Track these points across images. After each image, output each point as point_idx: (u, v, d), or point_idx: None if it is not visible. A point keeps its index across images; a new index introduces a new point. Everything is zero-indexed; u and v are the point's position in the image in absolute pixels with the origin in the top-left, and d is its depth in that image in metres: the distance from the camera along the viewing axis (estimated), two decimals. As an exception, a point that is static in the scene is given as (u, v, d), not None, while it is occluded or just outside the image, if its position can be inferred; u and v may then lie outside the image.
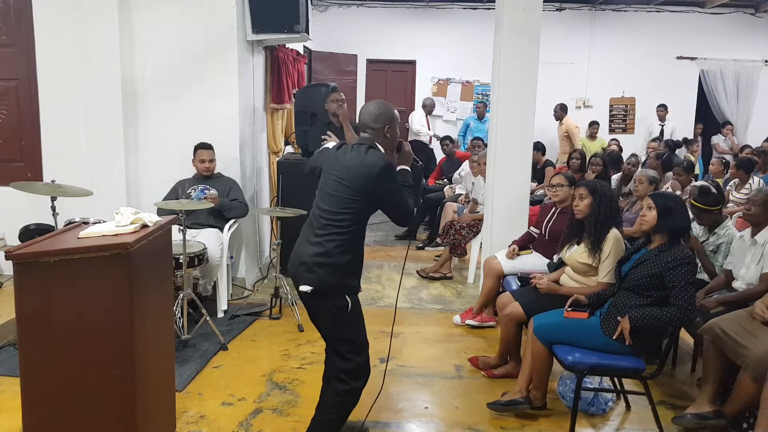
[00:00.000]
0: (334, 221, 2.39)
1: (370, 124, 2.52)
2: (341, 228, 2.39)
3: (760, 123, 9.44)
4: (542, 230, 4.18)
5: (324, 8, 9.59)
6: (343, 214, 2.39)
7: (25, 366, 2.12)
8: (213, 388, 3.29)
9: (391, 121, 2.53)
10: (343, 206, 2.40)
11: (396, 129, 2.56)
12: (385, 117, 2.52)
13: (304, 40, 5.40)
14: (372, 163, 2.38)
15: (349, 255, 2.41)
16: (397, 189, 2.43)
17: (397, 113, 2.60)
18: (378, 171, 2.36)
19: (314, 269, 2.37)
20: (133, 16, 4.63)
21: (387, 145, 2.54)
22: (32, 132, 4.85)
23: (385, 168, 2.37)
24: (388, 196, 2.42)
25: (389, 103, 2.64)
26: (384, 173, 2.37)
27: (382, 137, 2.52)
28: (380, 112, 2.53)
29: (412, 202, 2.48)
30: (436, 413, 3.14)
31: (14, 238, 4.30)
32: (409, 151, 2.62)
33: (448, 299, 4.95)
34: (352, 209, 2.40)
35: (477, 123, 8.91)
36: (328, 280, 2.37)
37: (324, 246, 2.38)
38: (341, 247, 2.38)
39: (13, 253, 2.05)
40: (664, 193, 3.31)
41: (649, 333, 2.81)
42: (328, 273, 2.37)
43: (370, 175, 2.36)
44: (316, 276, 2.37)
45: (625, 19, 9.62)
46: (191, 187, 4.46)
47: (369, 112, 2.54)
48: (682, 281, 2.70)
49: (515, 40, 4.37)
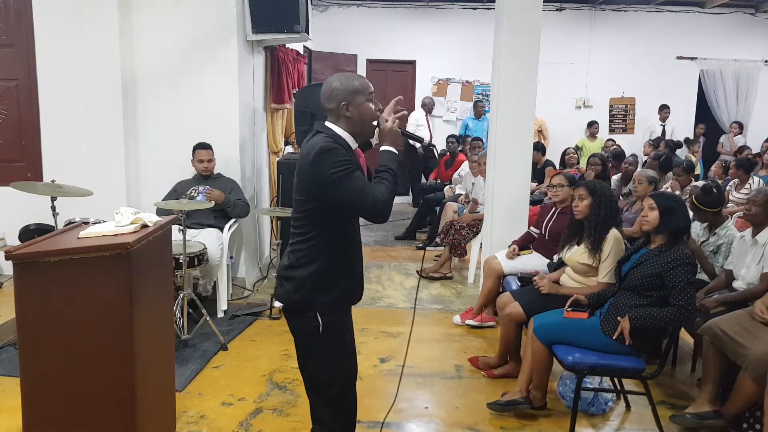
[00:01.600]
0: (295, 229, 2.05)
1: (324, 104, 2.04)
2: (301, 236, 2.02)
3: (760, 123, 9.45)
4: (542, 230, 4.18)
5: (324, 8, 9.60)
6: (300, 220, 2.03)
7: (25, 366, 2.12)
8: (213, 388, 3.29)
9: (349, 96, 2.00)
10: (297, 211, 2.03)
11: (363, 104, 2.02)
12: (339, 93, 2.00)
13: (304, 40, 5.41)
14: (306, 154, 1.94)
15: (311, 266, 2.00)
16: (342, 178, 1.88)
17: (363, 82, 2.06)
18: (312, 159, 1.90)
19: (282, 283, 2.07)
20: (133, 16, 4.63)
21: (354, 126, 2.03)
22: (32, 132, 4.85)
23: (318, 156, 1.89)
24: (333, 191, 1.90)
25: (348, 74, 2.09)
26: (316, 163, 1.89)
27: (342, 118, 2.01)
28: (332, 87, 2.02)
29: (382, 190, 1.94)
30: (436, 413, 3.14)
31: (14, 238, 4.31)
32: (390, 129, 2.07)
33: (448, 299, 4.95)
34: (304, 213, 2.01)
35: (475, 122, 8.91)
36: (292, 296, 2.04)
37: (289, 258, 2.06)
38: (303, 258, 2.01)
39: (13, 253, 2.05)
40: (665, 193, 3.31)
41: (649, 333, 2.81)
42: (291, 288, 2.03)
43: (305, 167, 1.94)
44: (283, 291, 2.07)
45: (625, 19, 9.62)
46: (192, 188, 4.46)
47: (325, 89, 2.04)
48: (682, 281, 2.70)
49: (515, 40, 4.37)
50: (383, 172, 2.01)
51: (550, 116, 9.24)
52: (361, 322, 4.21)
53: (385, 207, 1.94)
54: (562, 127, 9.51)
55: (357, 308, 2.18)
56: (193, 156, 4.51)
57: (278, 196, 5.12)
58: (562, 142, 8.92)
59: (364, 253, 2.33)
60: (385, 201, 1.94)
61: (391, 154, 2.07)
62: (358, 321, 4.04)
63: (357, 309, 2.18)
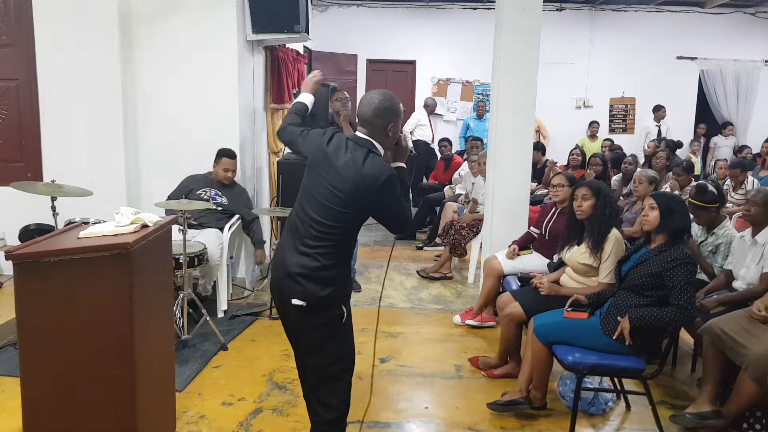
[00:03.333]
0: (328, 234, 2.12)
1: (371, 119, 2.15)
2: (333, 240, 2.13)
3: (760, 123, 9.44)
4: (542, 230, 4.18)
5: (324, 8, 9.60)
6: (336, 227, 2.12)
7: (25, 366, 2.12)
8: (213, 388, 3.29)
9: (395, 119, 2.18)
10: (336, 219, 2.12)
11: (398, 127, 2.22)
12: (390, 113, 2.15)
13: (304, 40, 5.41)
14: (374, 175, 2.07)
15: (341, 267, 2.18)
16: (399, 200, 2.14)
17: (401, 108, 2.25)
18: (381, 184, 2.07)
19: (302, 282, 2.11)
20: (133, 15, 4.63)
21: (387, 144, 2.21)
22: (32, 132, 4.85)
23: (390, 180, 2.08)
24: (391, 210, 2.15)
25: (394, 95, 2.23)
26: (388, 186, 2.08)
27: (383, 136, 2.17)
28: (385, 106, 2.14)
29: (409, 206, 2.23)
30: (436, 413, 3.14)
31: (14, 238, 4.30)
32: (406, 146, 2.30)
33: (448, 299, 4.95)
34: (343, 223, 2.13)
35: (477, 122, 8.91)
36: (320, 293, 2.11)
37: (318, 260, 2.11)
38: (334, 259, 2.14)
39: (13, 253, 2.05)
40: (666, 193, 3.32)
41: (649, 333, 2.81)
42: (319, 287, 2.11)
43: (372, 189, 2.08)
44: (304, 290, 2.11)
45: (625, 19, 9.62)
46: (202, 188, 4.47)
47: (372, 104, 2.15)
48: (681, 281, 2.70)
49: (515, 40, 4.37)
50: (405, 189, 2.23)
51: (550, 116, 9.23)
52: (361, 322, 4.14)
53: (411, 222, 2.29)
54: (562, 127, 9.51)
55: (357, 308, 2.19)
56: (217, 161, 4.52)
57: (278, 196, 5.11)
58: (562, 142, 8.93)
59: (364, 253, 2.47)
60: (411, 217, 2.29)
61: (405, 170, 2.29)
62: (359, 321, 4.06)
63: (357, 309, 2.19)
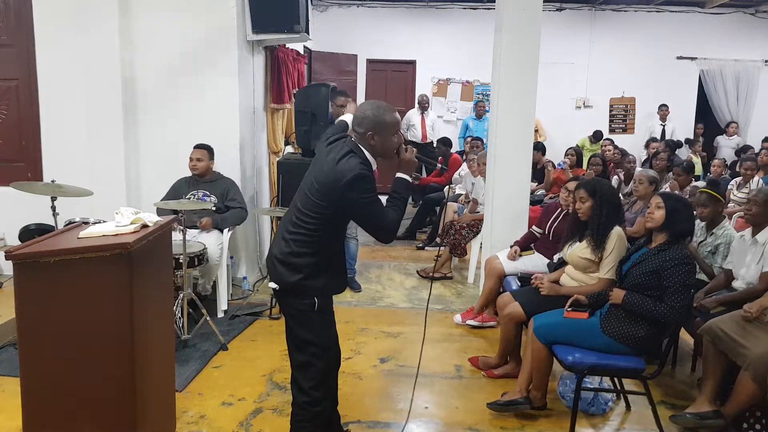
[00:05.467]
0: (304, 222, 2.26)
1: (354, 125, 2.31)
2: (308, 230, 2.25)
3: (760, 123, 9.44)
4: (545, 230, 4.18)
5: (324, 8, 9.59)
6: (311, 217, 2.25)
7: (25, 366, 2.12)
8: (213, 388, 3.29)
9: (376, 128, 2.24)
10: (311, 209, 2.25)
11: (387, 137, 2.27)
12: (369, 122, 2.24)
13: (304, 40, 5.40)
14: (342, 171, 2.17)
15: (310, 257, 2.26)
16: (368, 204, 2.19)
17: (393, 118, 2.29)
18: (345, 182, 2.15)
19: (278, 266, 2.29)
20: (133, 16, 4.63)
21: (375, 152, 2.29)
22: (32, 132, 4.85)
23: (354, 180, 2.15)
24: (357, 211, 2.23)
25: (388, 106, 2.32)
26: (351, 185, 2.15)
27: (366, 143, 2.26)
28: (365, 115, 2.26)
29: (394, 217, 2.25)
30: (436, 413, 3.14)
31: (14, 238, 4.31)
32: (410, 159, 2.34)
33: (449, 299, 4.95)
34: (318, 215, 2.24)
35: (476, 122, 8.90)
36: (288, 279, 2.26)
37: (290, 246, 2.27)
38: (305, 248, 2.26)
39: (13, 253, 2.05)
40: (673, 194, 3.33)
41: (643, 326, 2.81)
42: (288, 272, 2.26)
43: (337, 185, 2.17)
44: (278, 273, 2.28)
45: (625, 19, 9.62)
46: (190, 192, 4.42)
47: (358, 112, 2.31)
48: (677, 282, 2.71)
49: (515, 40, 4.37)
50: (396, 199, 2.30)
51: (550, 116, 9.22)
52: (361, 322, 4.17)
53: (393, 232, 2.27)
54: (562, 127, 9.50)
55: (357, 308, 2.19)
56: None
57: (278, 196, 5.11)
58: (562, 142, 8.92)
59: (364, 253, 2.48)
60: (395, 227, 2.27)
61: (405, 181, 2.33)
62: (358, 321, 4.08)
63: (357, 309, 2.20)
